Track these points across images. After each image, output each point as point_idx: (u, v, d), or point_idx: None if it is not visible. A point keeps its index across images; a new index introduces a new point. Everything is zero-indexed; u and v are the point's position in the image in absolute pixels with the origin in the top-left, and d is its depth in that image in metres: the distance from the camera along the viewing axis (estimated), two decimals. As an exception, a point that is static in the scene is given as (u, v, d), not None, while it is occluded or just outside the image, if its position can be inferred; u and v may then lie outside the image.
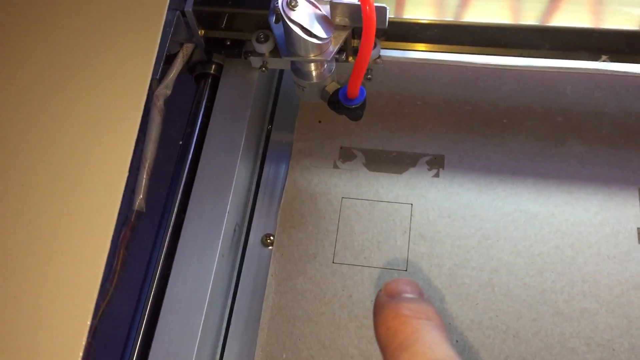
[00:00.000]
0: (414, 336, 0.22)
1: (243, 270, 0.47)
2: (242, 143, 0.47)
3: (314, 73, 0.44)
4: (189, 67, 0.52)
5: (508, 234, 0.47)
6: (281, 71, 0.56)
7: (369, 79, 0.48)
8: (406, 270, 0.46)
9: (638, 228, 0.46)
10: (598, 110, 0.51)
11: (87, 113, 0.40)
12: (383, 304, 0.24)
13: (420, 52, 0.51)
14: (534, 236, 0.46)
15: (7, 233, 0.36)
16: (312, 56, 0.42)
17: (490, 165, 0.49)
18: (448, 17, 0.48)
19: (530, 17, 0.47)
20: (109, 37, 0.41)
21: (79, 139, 0.39)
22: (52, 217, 0.37)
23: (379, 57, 0.47)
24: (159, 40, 0.38)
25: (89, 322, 0.35)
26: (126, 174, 0.38)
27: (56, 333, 0.35)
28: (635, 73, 0.51)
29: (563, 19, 0.47)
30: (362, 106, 0.43)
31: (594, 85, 0.51)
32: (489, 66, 0.52)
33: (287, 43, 0.42)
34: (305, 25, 0.40)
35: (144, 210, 0.50)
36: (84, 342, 0.34)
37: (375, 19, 0.37)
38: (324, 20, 0.41)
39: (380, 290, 0.26)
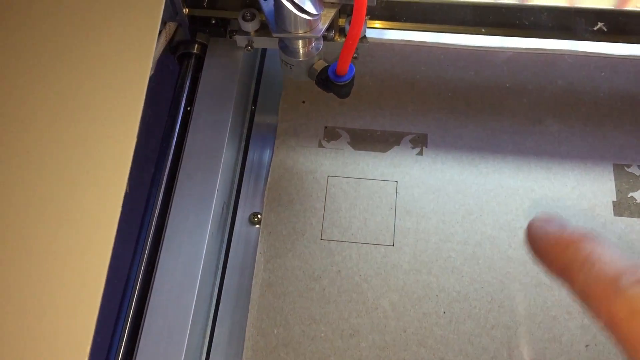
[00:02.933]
0: (599, 249, 0.24)
1: (231, 249, 0.47)
2: (230, 123, 0.47)
3: (302, 51, 0.45)
4: (172, 46, 0.52)
5: (491, 209, 0.48)
6: (263, 51, 0.56)
7: (356, 57, 0.48)
8: (393, 245, 0.47)
9: (613, 201, 0.48)
10: (573, 89, 0.52)
11: (90, 102, 0.38)
12: (547, 229, 0.26)
13: (402, 32, 0.51)
14: (516, 210, 0.48)
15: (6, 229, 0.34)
16: (301, 33, 0.42)
17: (471, 143, 0.51)
18: (430, -2, 0.49)
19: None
20: (106, 25, 0.40)
21: (81, 129, 0.38)
22: (56, 211, 0.35)
23: (365, 36, 0.48)
24: (158, 26, 0.37)
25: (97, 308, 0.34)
26: (128, 169, 0.37)
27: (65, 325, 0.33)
28: (608, 54, 0.53)
29: None
30: (351, 83, 0.44)
31: (569, 65, 0.53)
32: (470, 47, 0.54)
33: (277, 19, 0.42)
34: (296, 1, 0.40)
35: (129, 192, 0.49)
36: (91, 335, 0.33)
37: (366, -5, 0.38)
38: (313, -4, 0.41)
39: (531, 222, 0.27)
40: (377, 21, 0.50)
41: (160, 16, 0.36)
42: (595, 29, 0.49)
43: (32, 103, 0.37)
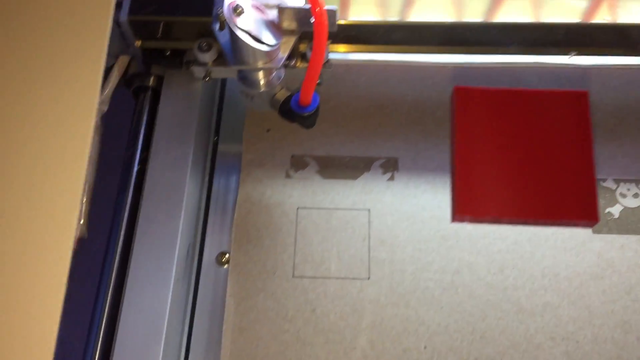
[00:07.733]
0: None
1: (199, 293, 0.45)
2: (191, 158, 0.45)
3: (262, 81, 0.43)
4: (126, 80, 0.49)
5: (467, 234, 0.46)
6: (224, 78, 0.54)
7: (319, 84, 0.46)
8: (369, 279, 0.45)
9: (591, 219, 0.47)
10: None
11: (33, 139, 0.36)
12: None
13: (368, 54, 0.50)
14: (492, 233, 0.46)
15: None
16: (261, 64, 0.40)
17: (444, 165, 0.49)
18: (392, 17, 0.47)
19: (475, 14, 0.47)
20: (51, 60, 0.37)
21: (26, 166, 0.35)
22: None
23: (328, 60, 0.46)
24: (105, 56, 0.34)
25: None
26: (79, 204, 0.35)
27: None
28: (600, 65, 0.51)
29: (504, 13, 0.47)
30: (316, 112, 0.42)
31: (537, 79, 0.52)
32: (436, 64, 0.52)
33: (234, 51, 0.40)
34: (252, 32, 0.38)
35: (86, 236, 0.46)
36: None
37: (326, 22, 0.36)
38: (271, 25, 0.39)
39: None
40: (340, 44, 0.48)
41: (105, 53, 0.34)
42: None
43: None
